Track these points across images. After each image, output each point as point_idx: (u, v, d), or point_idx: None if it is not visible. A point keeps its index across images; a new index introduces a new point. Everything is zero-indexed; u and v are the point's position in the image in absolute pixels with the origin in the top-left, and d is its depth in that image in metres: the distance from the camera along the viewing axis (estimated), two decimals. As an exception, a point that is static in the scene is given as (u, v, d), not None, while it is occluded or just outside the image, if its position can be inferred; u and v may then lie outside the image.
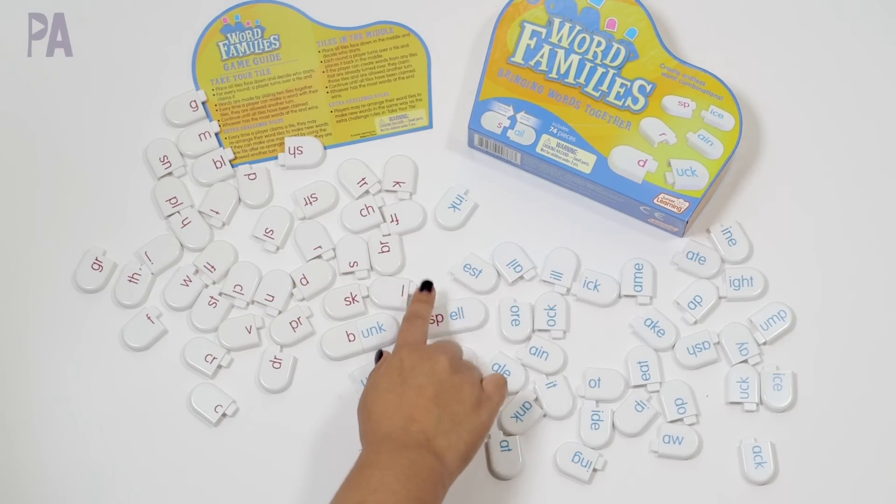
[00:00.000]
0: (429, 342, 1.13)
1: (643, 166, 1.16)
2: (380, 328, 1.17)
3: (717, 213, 1.20)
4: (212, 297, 1.17)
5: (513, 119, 1.18)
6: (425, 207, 1.20)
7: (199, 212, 1.20)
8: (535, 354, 1.16)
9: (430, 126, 1.23)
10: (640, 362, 1.16)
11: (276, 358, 1.16)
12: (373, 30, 1.25)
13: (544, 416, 1.15)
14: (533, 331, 1.17)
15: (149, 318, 1.17)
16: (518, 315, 1.17)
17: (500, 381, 1.09)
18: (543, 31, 1.20)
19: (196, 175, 1.21)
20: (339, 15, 1.25)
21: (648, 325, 1.17)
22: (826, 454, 1.14)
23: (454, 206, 1.20)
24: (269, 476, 1.14)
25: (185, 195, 1.20)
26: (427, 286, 1.15)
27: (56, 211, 1.20)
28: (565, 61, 1.19)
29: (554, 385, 1.15)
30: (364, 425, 1.06)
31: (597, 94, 1.18)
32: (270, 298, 1.17)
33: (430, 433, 1.04)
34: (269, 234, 1.19)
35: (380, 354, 1.12)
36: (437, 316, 1.17)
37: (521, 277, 1.18)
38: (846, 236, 1.19)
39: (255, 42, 1.24)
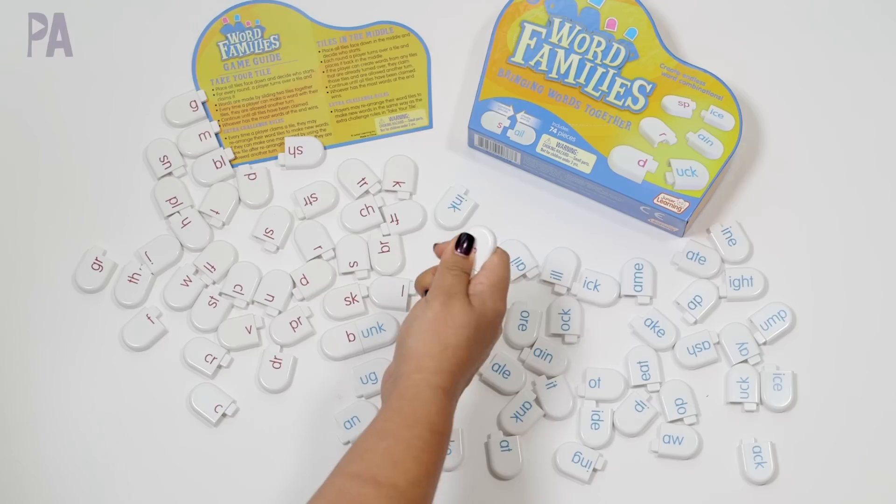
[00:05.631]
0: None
1: (643, 166, 1.16)
2: (380, 328, 1.17)
3: (717, 213, 1.20)
4: (212, 297, 1.17)
5: (513, 119, 1.18)
6: (425, 207, 1.20)
7: (199, 212, 1.20)
8: (539, 356, 1.16)
9: (430, 126, 1.23)
10: (640, 362, 1.16)
11: (276, 358, 1.16)
12: (373, 30, 1.25)
13: (544, 415, 1.15)
14: (547, 335, 1.17)
15: (149, 318, 1.17)
16: (526, 320, 1.16)
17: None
18: (543, 31, 1.20)
19: (196, 175, 1.21)
20: (339, 15, 1.25)
21: (648, 325, 1.17)
22: (825, 454, 1.14)
23: (454, 206, 1.20)
24: (269, 476, 1.14)
25: (185, 195, 1.20)
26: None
27: (56, 211, 1.20)
28: (565, 61, 1.19)
29: (554, 385, 1.15)
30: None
31: (597, 94, 1.18)
32: (270, 298, 1.17)
33: None
34: (269, 234, 1.19)
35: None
36: None
37: (524, 276, 1.18)
38: (846, 236, 1.19)
39: (255, 42, 1.24)
